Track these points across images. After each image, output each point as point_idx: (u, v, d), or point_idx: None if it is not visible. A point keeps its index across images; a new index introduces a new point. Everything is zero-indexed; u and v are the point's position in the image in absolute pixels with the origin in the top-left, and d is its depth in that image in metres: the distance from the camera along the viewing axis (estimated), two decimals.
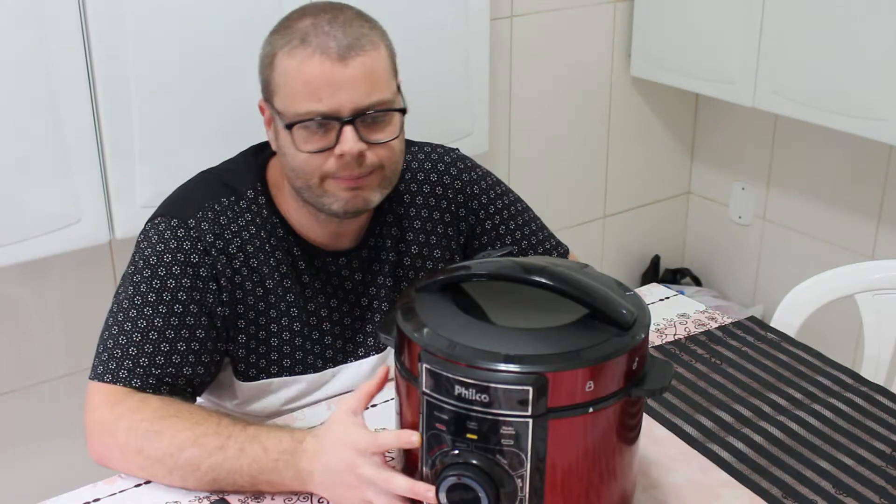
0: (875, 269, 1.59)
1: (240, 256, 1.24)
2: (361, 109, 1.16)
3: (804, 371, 1.34)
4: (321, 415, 1.25)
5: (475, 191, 1.39)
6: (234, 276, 1.23)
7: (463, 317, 0.96)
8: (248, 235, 1.25)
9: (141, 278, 1.20)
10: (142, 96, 1.73)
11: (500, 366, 0.89)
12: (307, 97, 1.15)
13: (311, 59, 1.15)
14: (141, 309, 1.19)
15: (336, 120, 1.16)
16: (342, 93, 1.15)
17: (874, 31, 1.97)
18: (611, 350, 0.92)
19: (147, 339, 1.18)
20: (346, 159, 1.17)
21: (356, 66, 1.15)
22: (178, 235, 1.21)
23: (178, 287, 1.19)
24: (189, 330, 1.19)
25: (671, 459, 1.15)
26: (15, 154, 1.65)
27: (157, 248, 1.20)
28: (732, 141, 2.71)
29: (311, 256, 1.29)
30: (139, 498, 1.10)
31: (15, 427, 1.98)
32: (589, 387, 0.91)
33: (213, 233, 1.22)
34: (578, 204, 2.67)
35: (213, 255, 1.22)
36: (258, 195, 1.27)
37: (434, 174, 1.37)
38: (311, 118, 1.16)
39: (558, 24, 2.44)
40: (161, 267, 1.20)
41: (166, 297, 1.19)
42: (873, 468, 1.13)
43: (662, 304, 1.54)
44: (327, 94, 1.15)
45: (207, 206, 1.23)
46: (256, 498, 1.09)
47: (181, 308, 1.19)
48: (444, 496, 0.93)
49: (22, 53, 1.61)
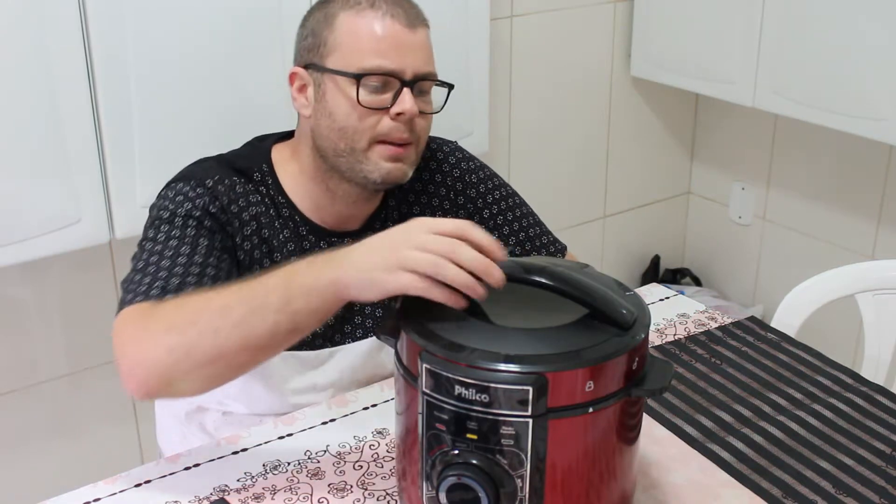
0: (875, 269, 1.59)
1: (252, 225, 1.26)
2: (421, 76, 1.23)
3: (804, 371, 1.34)
4: (322, 414, 1.25)
5: (472, 180, 1.42)
6: (244, 243, 1.25)
7: (462, 316, 0.96)
8: (256, 211, 1.27)
9: (156, 224, 1.21)
10: (142, 96, 1.73)
11: (500, 366, 0.89)
12: (376, 54, 1.21)
13: (382, 20, 1.21)
14: (155, 244, 1.18)
15: (399, 80, 1.21)
16: (408, 56, 1.22)
17: (874, 31, 1.97)
18: (611, 350, 0.92)
19: (174, 263, 1.16)
20: (403, 118, 1.22)
21: (421, 35, 1.24)
22: (198, 192, 1.23)
23: (185, 224, 1.20)
24: (205, 251, 1.19)
25: (671, 459, 1.15)
26: (15, 154, 1.65)
27: (178, 200, 1.22)
28: (732, 141, 2.71)
29: (318, 237, 1.31)
30: (139, 498, 1.10)
31: (15, 427, 1.98)
32: (589, 387, 0.91)
33: (228, 197, 1.25)
34: (578, 204, 2.68)
35: (230, 214, 1.24)
36: (265, 176, 1.30)
37: (433, 162, 1.41)
38: (378, 72, 1.20)
39: (558, 24, 2.44)
40: (181, 214, 1.21)
41: (190, 232, 1.20)
42: (873, 468, 1.13)
43: (662, 304, 1.54)
44: (395, 54, 1.21)
45: (219, 178, 1.26)
46: (256, 498, 1.09)
47: (193, 234, 1.19)
48: (444, 496, 0.93)
49: (22, 53, 1.61)
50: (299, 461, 1.15)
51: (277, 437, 1.20)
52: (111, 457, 2.06)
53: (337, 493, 1.09)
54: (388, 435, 1.20)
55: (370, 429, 1.21)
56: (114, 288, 1.99)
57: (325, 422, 1.23)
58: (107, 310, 2.02)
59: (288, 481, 1.12)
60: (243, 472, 1.13)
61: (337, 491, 1.10)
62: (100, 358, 2.02)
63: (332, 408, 1.27)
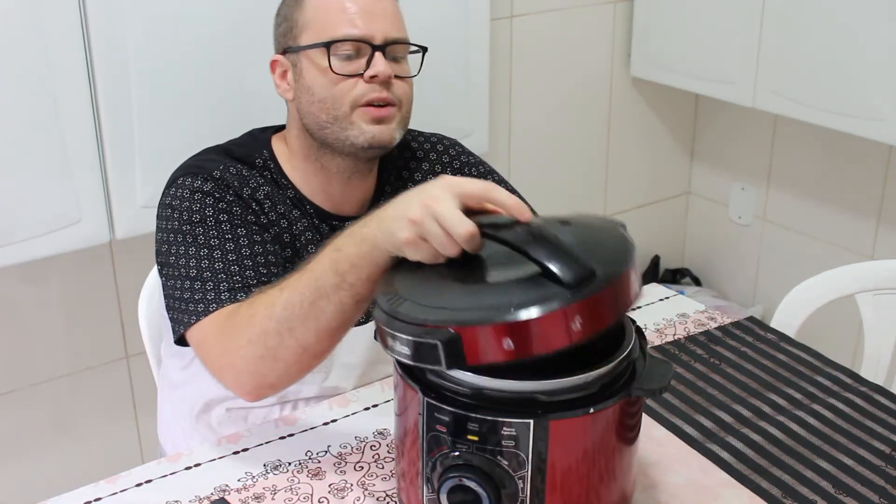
0: (875, 269, 1.59)
1: (266, 203, 1.29)
2: (392, 40, 1.26)
3: (803, 371, 1.34)
4: (323, 414, 1.25)
5: (472, 173, 1.44)
6: (263, 220, 1.28)
7: (441, 274, 0.95)
8: (262, 195, 1.29)
9: (186, 229, 1.22)
10: (142, 96, 1.73)
11: (415, 322, 0.88)
12: (344, 23, 1.24)
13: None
14: (198, 249, 1.21)
15: (369, 45, 1.24)
16: (376, 22, 1.25)
17: (874, 32, 1.98)
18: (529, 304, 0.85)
19: (227, 262, 1.19)
20: (377, 80, 1.24)
21: (388, 2, 1.28)
22: (209, 185, 1.25)
23: (218, 220, 1.23)
24: (248, 239, 1.22)
25: (671, 459, 1.15)
26: (15, 154, 1.65)
27: (196, 198, 1.24)
28: (732, 141, 2.71)
29: (322, 218, 1.33)
30: (140, 497, 1.10)
31: (15, 427, 1.98)
32: (507, 345, 0.86)
33: (238, 181, 1.27)
34: (578, 204, 2.67)
35: (244, 198, 1.27)
36: (267, 161, 1.33)
37: (433, 153, 1.44)
38: (348, 39, 1.24)
39: (558, 25, 2.44)
40: (198, 211, 1.23)
41: (224, 227, 1.22)
42: (873, 468, 1.14)
43: (662, 304, 1.54)
44: (363, 21, 1.24)
45: (223, 168, 1.28)
46: (257, 498, 1.09)
47: (230, 228, 1.22)
48: (446, 498, 0.93)
49: (22, 53, 1.61)
50: (300, 461, 1.15)
51: (278, 437, 1.20)
52: (111, 456, 2.06)
53: (337, 494, 1.09)
54: (389, 436, 1.20)
55: (371, 429, 1.21)
56: (114, 288, 1.99)
57: (326, 422, 1.23)
58: (107, 310, 2.03)
59: (288, 481, 1.12)
60: (244, 472, 1.13)
61: (337, 491, 1.10)
62: (100, 358, 2.02)
63: (333, 408, 1.27)
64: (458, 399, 0.91)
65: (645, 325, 1.47)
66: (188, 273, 1.19)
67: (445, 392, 0.92)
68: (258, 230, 1.25)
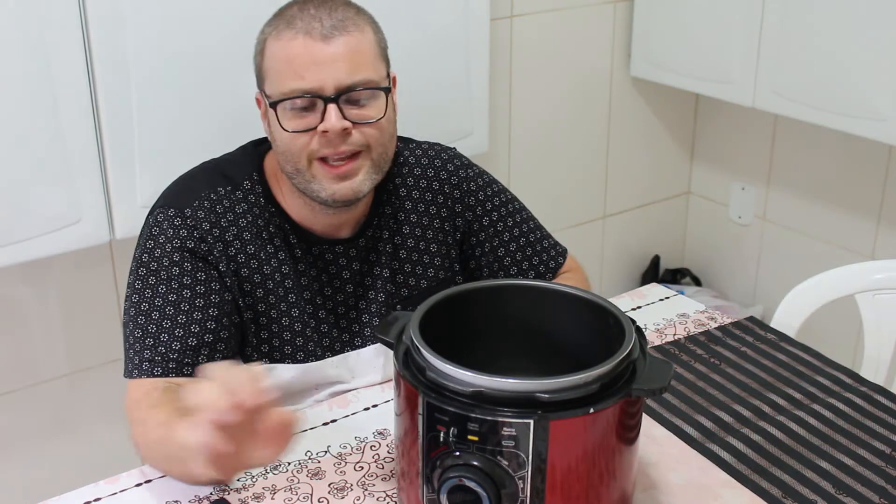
0: (875, 269, 1.59)
1: (236, 244, 1.26)
2: (345, 88, 1.19)
3: (804, 371, 1.34)
4: (323, 414, 1.25)
5: (471, 187, 1.41)
6: (229, 263, 1.26)
7: None
8: (244, 223, 1.27)
9: (145, 271, 1.23)
10: (142, 97, 1.73)
11: None
12: (291, 76, 1.19)
13: (294, 40, 1.18)
14: (151, 300, 1.21)
15: (320, 98, 1.18)
16: (325, 71, 1.18)
17: (874, 31, 1.97)
18: None
19: (160, 326, 1.20)
20: (329, 136, 1.19)
21: (339, 44, 1.19)
22: (175, 224, 1.24)
23: (181, 272, 1.22)
24: (197, 307, 1.22)
25: (671, 459, 1.15)
26: (15, 154, 1.65)
27: (158, 239, 1.24)
28: (732, 141, 2.71)
29: (308, 244, 1.31)
30: (140, 497, 1.10)
31: (15, 427, 1.98)
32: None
33: (210, 221, 1.25)
34: (578, 204, 2.67)
35: (210, 241, 1.24)
36: (254, 184, 1.30)
37: (431, 169, 1.39)
38: (295, 96, 1.18)
39: (558, 25, 2.44)
40: (162, 256, 1.23)
41: (172, 283, 1.22)
42: (873, 468, 1.14)
43: (662, 304, 1.54)
44: (311, 73, 1.18)
45: (204, 196, 1.26)
46: (256, 498, 1.09)
47: (187, 291, 1.22)
48: (446, 498, 0.93)
49: (22, 55, 1.61)
50: (300, 461, 1.15)
51: None
52: (111, 457, 2.05)
53: (337, 494, 1.09)
54: (389, 436, 1.20)
55: (371, 429, 1.21)
56: (114, 288, 1.99)
57: (326, 422, 1.23)
58: (107, 310, 2.03)
59: (288, 481, 1.12)
60: (243, 472, 1.13)
61: (337, 491, 1.10)
62: (100, 358, 2.02)
63: (333, 408, 1.27)
64: (458, 399, 0.91)
65: (645, 325, 1.47)
66: (136, 319, 1.21)
67: (445, 392, 0.92)
68: (204, 291, 1.22)
